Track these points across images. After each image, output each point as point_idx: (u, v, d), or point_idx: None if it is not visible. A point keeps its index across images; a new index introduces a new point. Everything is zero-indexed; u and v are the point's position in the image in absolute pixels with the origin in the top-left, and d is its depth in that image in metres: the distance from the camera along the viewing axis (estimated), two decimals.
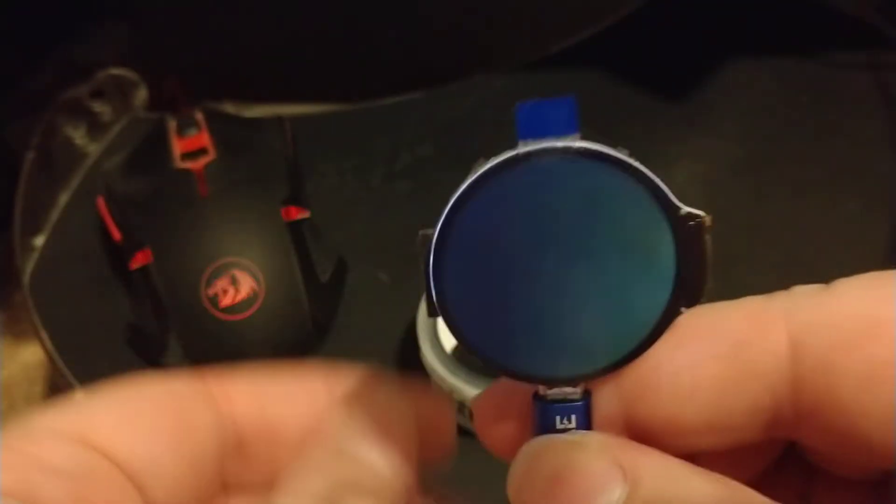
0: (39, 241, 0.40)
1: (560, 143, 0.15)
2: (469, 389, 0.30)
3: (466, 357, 0.31)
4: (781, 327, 0.15)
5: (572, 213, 0.15)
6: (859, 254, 0.36)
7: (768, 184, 0.39)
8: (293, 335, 0.35)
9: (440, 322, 0.32)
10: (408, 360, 0.34)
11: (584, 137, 0.15)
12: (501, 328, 0.15)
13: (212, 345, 0.34)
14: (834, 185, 0.39)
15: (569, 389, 0.16)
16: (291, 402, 0.18)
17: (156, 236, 0.35)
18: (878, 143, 0.41)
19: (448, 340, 0.32)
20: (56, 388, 0.40)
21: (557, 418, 0.16)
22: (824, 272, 0.40)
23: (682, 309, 0.15)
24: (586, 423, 0.16)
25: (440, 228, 0.15)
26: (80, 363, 0.35)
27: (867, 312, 0.15)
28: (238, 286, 0.34)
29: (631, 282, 0.15)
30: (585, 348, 0.15)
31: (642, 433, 0.16)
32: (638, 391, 0.16)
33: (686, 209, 0.15)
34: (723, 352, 0.15)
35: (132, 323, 0.36)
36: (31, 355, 0.42)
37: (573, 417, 0.16)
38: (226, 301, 0.34)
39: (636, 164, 0.15)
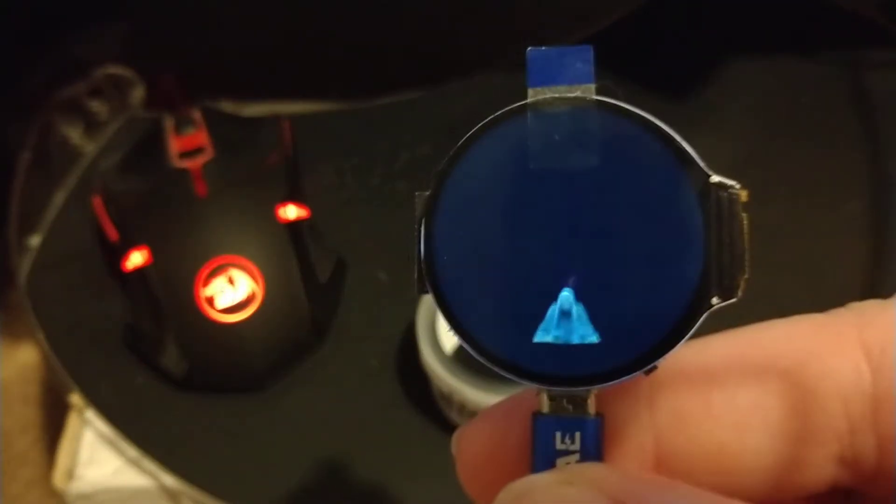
0: (35, 240, 0.39)
1: (574, 93, 0.13)
2: (469, 390, 0.30)
3: (466, 358, 0.31)
4: (855, 340, 0.13)
5: (584, 174, 0.13)
6: (859, 254, 0.36)
7: (769, 184, 0.39)
8: (292, 336, 0.35)
9: (440, 323, 0.32)
10: (407, 361, 0.34)
11: (601, 91, 0.13)
12: (496, 309, 0.13)
13: (209, 346, 0.34)
14: (834, 185, 0.39)
15: (575, 398, 0.13)
16: None
17: (153, 236, 0.35)
18: (879, 143, 0.41)
19: (448, 341, 0.31)
20: (52, 388, 0.39)
21: (558, 435, 0.13)
22: (824, 272, 0.40)
23: (714, 301, 0.13)
24: (594, 448, 0.13)
25: (433, 187, 0.13)
26: (77, 363, 0.35)
27: None
28: (235, 286, 0.34)
29: (651, 262, 0.13)
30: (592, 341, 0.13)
31: (680, 471, 0.13)
32: (679, 415, 0.13)
33: (717, 178, 0.13)
34: (792, 366, 0.13)
35: (129, 323, 0.36)
36: (27, 356, 0.41)
37: (577, 436, 0.13)
38: (223, 301, 0.34)
39: (659, 122, 0.13)
